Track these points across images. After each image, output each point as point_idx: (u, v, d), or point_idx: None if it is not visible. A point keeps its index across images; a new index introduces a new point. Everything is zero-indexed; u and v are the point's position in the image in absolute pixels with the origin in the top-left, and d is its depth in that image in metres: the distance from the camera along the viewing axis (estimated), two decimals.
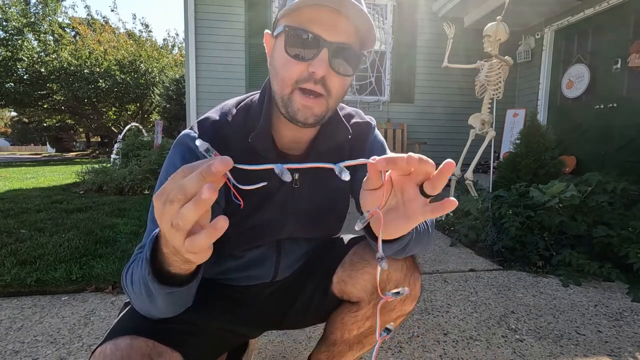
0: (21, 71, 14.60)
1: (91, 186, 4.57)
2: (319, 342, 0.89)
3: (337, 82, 0.62)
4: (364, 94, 5.46)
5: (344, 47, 0.60)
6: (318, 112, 0.63)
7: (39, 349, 1.26)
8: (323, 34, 0.58)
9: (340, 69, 0.61)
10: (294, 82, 0.61)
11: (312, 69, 0.59)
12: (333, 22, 0.58)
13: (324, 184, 0.77)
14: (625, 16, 3.94)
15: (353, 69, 0.62)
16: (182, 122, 9.40)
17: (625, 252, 1.94)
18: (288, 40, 0.59)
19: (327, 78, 0.60)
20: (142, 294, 0.51)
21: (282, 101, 0.63)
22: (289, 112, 0.62)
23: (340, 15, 0.58)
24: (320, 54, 0.58)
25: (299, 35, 0.59)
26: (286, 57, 0.60)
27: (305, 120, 0.62)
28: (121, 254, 2.13)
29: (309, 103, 0.61)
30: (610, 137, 4.08)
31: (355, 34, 0.61)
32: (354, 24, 0.60)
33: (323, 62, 0.58)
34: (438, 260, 2.27)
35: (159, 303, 0.52)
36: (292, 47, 0.59)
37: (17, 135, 36.96)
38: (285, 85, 0.62)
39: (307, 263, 0.87)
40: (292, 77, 0.60)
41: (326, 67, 0.59)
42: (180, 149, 0.65)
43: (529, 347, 1.33)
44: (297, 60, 0.59)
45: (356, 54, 0.62)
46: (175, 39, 22.28)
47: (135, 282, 0.52)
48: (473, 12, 5.13)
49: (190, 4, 4.97)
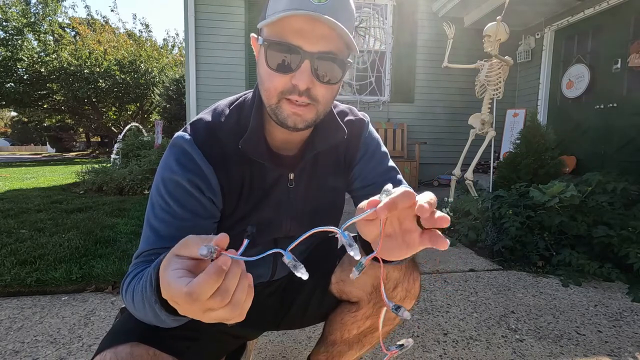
0: (21, 71, 14.59)
1: (91, 186, 4.58)
2: (318, 342, 0.89)
3: (322, 90, 0.60)
4: (364, 94, 5.45)
5: (326, 56, 0.58)
6: (308, 118, 0.62)
7: (39, 349, 1.26)
8: (304, 44, 0.56)
9: (324, 78, 0.59)
10: (279, 93, 0.60)
11: (295, 82, 0.57)
12: (314, 31, 0.56)
13: (320, 184, 0.76)
14: (625, 16, 3.93)
15: (339, 75, 0.60)
16: (182, 122, 9.40)
17: (625, 252, 1.94)
18: (269, 53, 0.58)
19: (312, 88, 0.59)
20: (145, 312, 0.50)
21: (270, 109, 0.62)
22: (279, 118, 0.62)
23: (320, 23, 0.55)
24: (302, 66, 0.57)
25: (279, 48, 0.57)
26: (268, 70, 0.59)
27: (295, 126, 0.62)
28: (121, 254, 2.13)
29: (298, 111, 0.60)
30: (610, 137, 4.07)
31: (338, 39, 0.58)
32: (337, 31, 0.58)
33: (305, 74, 0.57)
34: (438, 260, 2.27)
35: (163, 320, 0.50)
36: (273, 60, 0.58)
37: (17, 135, 37.00)
38: (271, 96, 0.61)
39: (305, 263, 0.87)
40: (276, 88, 0.59)
41: (309, 79, 0.57)
42: (174, 151, 0.65)
43: (529, 347, 1.33)
44: (279, 72, 0.58)
45: (340, 60, 0.59)
46: (175, 39, 22.33)
47: (137, 300, 0.50)
48: (473, 12, 5.13)
49: (190, 4, 4.97)
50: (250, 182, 0.69)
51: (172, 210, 0.61)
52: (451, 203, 3.17)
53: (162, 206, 0.62)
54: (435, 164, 5.58)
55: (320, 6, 0.54)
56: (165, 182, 0.63)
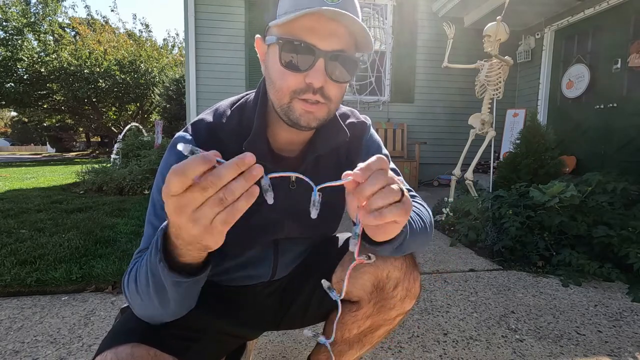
0: (21, 71, 14.59)
1: (91, 186, 4.58)
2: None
3: (335, 89, 0.61)
4: (364, 94, 5.45)
5: (339, 54, 0.59)
6: (320, 117, 0.62)
7: (39, 349, 1.26)
8: (318, 43, 0.57)
9: (337, 77, 0.60)
10: (291, 92, 0.60)
11: (309, 80, 0.58)
12: (327, 30, 0.57)
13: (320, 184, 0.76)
14: (625, 16, 3.94)
15: (350, 74, 0.61)
16: (182, 122, 9.40)
17: (625, 252, 1.94)
18: (282, 51, 0.58)
19: (325, 87, 0.59)
20: (149, 290, 0.51)
21: (281, 110, 0.62)
22: (291, 118, 0.62)
23: (334, 22, 0.57)
24: (316, 65, 0.57)
25: (294, 46, 0.57)
26: (281, 69, 0.59)
27: (308, 125, 0.62)
28: (121, 254, 2.13)
29: (311, 109, 0.61)
30: (610, 137, 4.08)
31: (350, 38, 0.60)
32: (350, 29, 0.59)
33: (319, 72, 0.58)
34: (438, 260, 2.27)
35: (167, 296, 0.51)
36: (287, 59, 0.58)
37: (17, 135, 37.01)
38: (283, 96, 0.61)
39: (306, 263, 0.87)
40: (289, 87, 0.60)
41: (323, 77, 0.58)
42: (175, 151, 0.65)
43: (529, 347, 1.33)
44: (293, 71, 0.58)
45: (352, 59, 0.61)
46: (175, 39, 22.32)
47: (141, 278, 0.51)
48: (473, 12, 5.13)
49: (190, 4, 4.97)
50: None
51: None
52: (451, 203, 3.17)
53: (162, 205, 0.62)
54: (435, 164, 5.58)
55: (334, 5, 0.55)
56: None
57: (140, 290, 0.52)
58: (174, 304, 0.53)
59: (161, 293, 0.50)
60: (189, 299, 0.56)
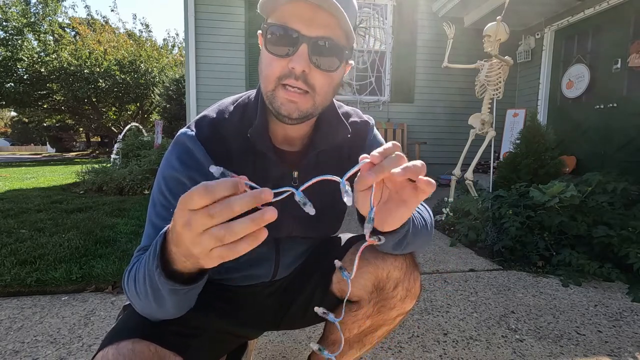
0: (21, 71, 14.61)
1: (91, 186, 4.58)
2: (318, 342, 0.89)
3: (319, 77, 0.60)
4: (364, 94, 5.45)
5: (324, 41, 0.58)
6: (303, 108, 0.61)
7: (39, 349, 1.26)
8: (302, 28, 0.57)
9: (321, 64, 0.59)
10: (276, 79, 0.60)
11: (291, 65, 0.58)
12: (312, 16, 0.57)
13: (323, 184, 0.76)
14: (625, 16, 3.93)
15: (336, 63, 0.61)
16: (182, 122, 9.39)
17: (625, 252, 1.94)
18: (268, 37, 0.59)
19: (309, 74, 0.59)
20: (146, 293, 0.51)
21: (267, 98, 0.63)
22: (274, 107, 0.62)
23: (320, 9, 0.57)
24: (299, 49, 0.57)
25: (278, 31, 0.58)
26: (268, 55, 0.60)
27: (289, 115, 0.61)
28: (121, 254, 2.13)
29: (293, 98, 0.60)
30: (610, 137, 4.07)
31: (337, 27, 0.59)
32: (336, 16, 0.58)
33: (302, 57, 0.57)
34: (438, 260, 2.27)
35: (164, 301, 0.51)
36: (272, 44, 0.59)
37: (17, 135, 36.98)
38: (268, 82, 0.61)
39: (307, 263, 0.87)
40: (274, 73, 0.60)
41: (305, 63, 0.58)
42: (176, 149, 0.65)
43: (529, 347, 1.33)
44: (278, 56, 0.59)
45: (339, 48, 0.60)
46: (175, 39, 22.33)
47: (139, 280, 0.51)
48: (473, 12, 5.13)
49: (190, 4, 4.97)
50: (253, 179, 0.69)
51: (173, 207, 0.61)
52: (451, 203, 3.17)
53: (163, 203, 0.63)
54: (435, 164, 5.58)
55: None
56: (167, 180, 0.64)
57: (139, 291, 0.52)
58: (171, 306, 0.53)
59: (158, 297, 0.50)
60: (187, 302, 0.56)
